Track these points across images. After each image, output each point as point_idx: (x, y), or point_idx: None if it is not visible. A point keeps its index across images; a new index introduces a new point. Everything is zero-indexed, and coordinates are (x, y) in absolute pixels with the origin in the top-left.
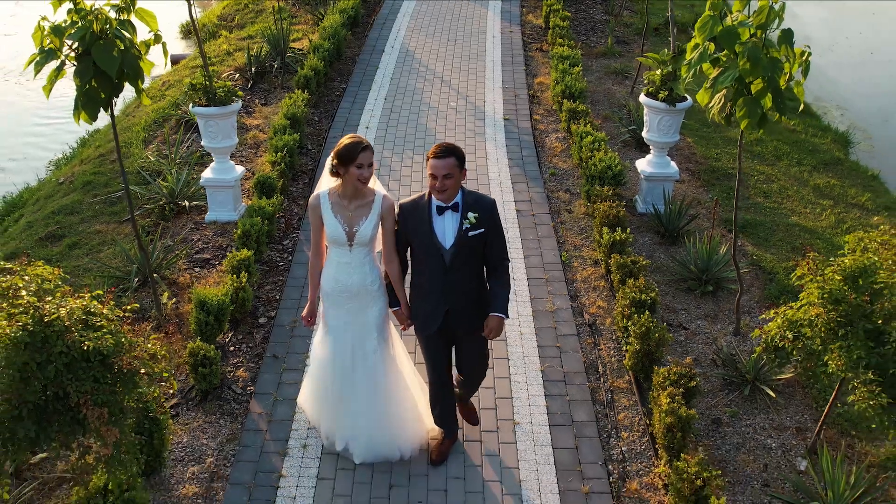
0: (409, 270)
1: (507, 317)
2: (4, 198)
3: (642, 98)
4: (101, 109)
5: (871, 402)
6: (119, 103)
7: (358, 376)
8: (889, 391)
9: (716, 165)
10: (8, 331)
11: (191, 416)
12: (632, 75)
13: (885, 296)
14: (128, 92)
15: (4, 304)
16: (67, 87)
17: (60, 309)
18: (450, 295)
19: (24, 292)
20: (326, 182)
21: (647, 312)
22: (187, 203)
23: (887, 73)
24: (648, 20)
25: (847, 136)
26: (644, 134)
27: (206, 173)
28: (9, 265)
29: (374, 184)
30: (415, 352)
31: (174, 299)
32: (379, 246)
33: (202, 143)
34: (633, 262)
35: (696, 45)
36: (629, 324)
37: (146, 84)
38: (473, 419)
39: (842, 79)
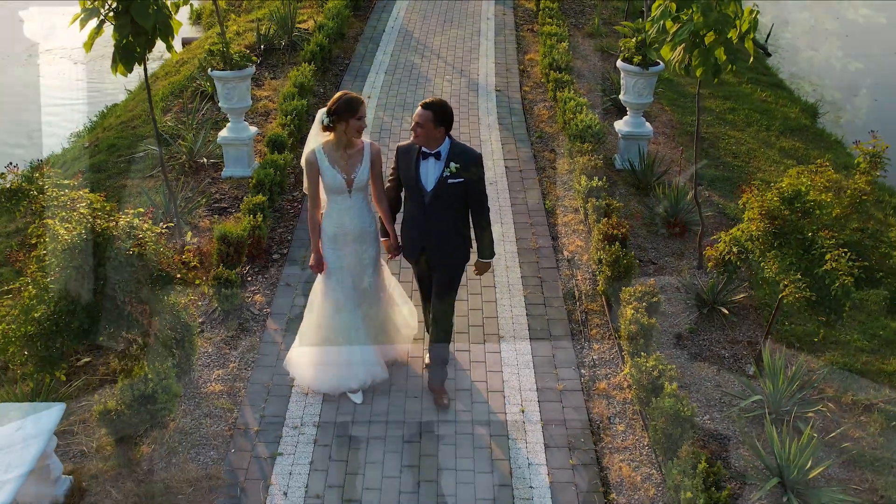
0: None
1: (494, 255)
2: (31, 163)
3: (619, 63)
4: (136, 63)
5: (797, 296)
6: (137, 78)
7: (361, 302)
8: (817, 291)
9: (690, 130)
10: (66, 237)
11: (214, 332)
12: (616, 53)
13: (815, 213)
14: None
15: (63, 215)
16: (79, 72)
17: (109, 222)
18: (427, 233)
19: (80, 205)
20: (316, 138)
21: (617, 244)
22: (205, 160)
23: (859, 53)
24: (631, 1)
25: (815, 107)
26: (621, 97)
27: (223, 132)
28: (66, 181)
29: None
30: (411, 281)
31: (197, 239)
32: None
33: (219, 104)
34: (608, 205)
35: (660, 5)
36: (602, 255)
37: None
38: (441, 401)
39: (817, 58)
